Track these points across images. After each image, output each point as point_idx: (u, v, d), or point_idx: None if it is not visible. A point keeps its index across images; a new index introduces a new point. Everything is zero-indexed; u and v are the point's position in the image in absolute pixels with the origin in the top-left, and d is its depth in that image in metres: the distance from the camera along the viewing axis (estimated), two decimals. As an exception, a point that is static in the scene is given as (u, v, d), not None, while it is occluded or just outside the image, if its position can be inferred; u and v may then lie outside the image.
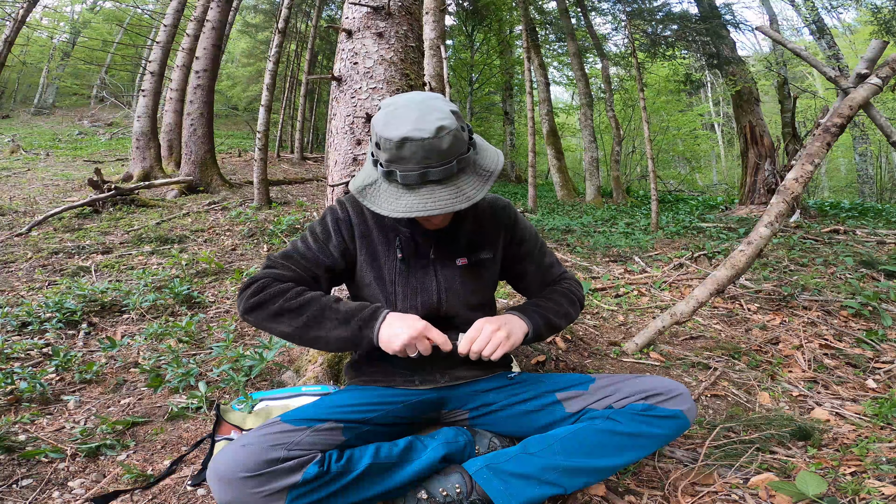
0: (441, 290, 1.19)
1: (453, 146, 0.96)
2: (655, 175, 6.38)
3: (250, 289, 1.08)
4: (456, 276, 1.20)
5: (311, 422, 1.01)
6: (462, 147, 0.99)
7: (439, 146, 0.94)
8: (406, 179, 0.97)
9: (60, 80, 21.01)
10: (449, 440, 1.10)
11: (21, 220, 4.82)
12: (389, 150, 0.96)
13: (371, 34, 1.89)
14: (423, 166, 0.96)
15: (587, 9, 9.95)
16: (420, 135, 0.93)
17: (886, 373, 1.94)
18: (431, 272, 1.19)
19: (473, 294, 1.22)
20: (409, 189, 0.99)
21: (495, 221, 1.26)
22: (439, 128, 0.94)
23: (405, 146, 0.94)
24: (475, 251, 1.22)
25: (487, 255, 1.24)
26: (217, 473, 0.89)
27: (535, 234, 1.31)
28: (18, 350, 2.01)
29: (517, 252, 1.29)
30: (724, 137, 21.33)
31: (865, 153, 11.96)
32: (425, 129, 0.93)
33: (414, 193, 0.98)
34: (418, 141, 0.93)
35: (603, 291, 3.21)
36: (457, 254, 1.21)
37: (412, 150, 0.94)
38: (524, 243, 1.29)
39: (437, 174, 0.96)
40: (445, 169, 0.97)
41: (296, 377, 1.79)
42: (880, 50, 2.46)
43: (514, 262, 1.30)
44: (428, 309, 1.17)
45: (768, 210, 2.31)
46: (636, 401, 1.05)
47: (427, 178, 0.97)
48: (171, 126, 8.32)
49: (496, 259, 1.26)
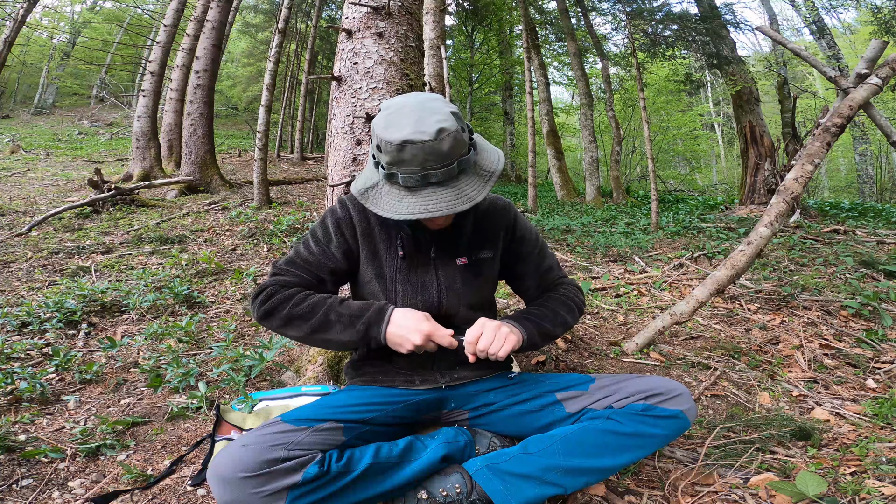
0: (441, 289, 1.19)
1: (454, 148, 0.96)
2: (655, 175, 6.38)
3: (259, 297, 1.11)
4: (456, 275, 1.20)
5: (312, 422, 1.01)
6: (463, 148, 0.99)
7: (440, 148, 0.94)
8: (408, 182, 0.98)
9: (60, 80, 21.02)
10: (449, 440, 1.10)
11: (21, 220, 4.82)
12: (390, 153, 0.96)
13: (371, 34, 1.89)
14: (424, 169, 0.96)
15: (587, 9, 9.95)
16: (421, 137, 0.93)
17: (886, 373, 1.94)
18: (432, 271, 1.19)
19: (474, 293, 1.23)
20: (410, 191, 0.99)
21: (496, 221, 1.26)
22: (440, 130, 0.94)
23: (406, 149, 0.94)
24: (475, 250, 1.23)
25: (487, 254, 1.24)
26: (217, 473, 0.89)
27: (535, 236, 1.31)
28: (18, 350, 2.00)
29: (517, 252, 1.29)
30: (724, 137, 21.33)
31: (865, 153, 11.96)
32: (426, 132, 0.93)
33: (415, 195, 0.98)
34: (419, 143, 0.93)
35: (603, 291, 3.21)
36: (457, 253, 1.21)
37: (413, 153, 0.94)
38: (524, 243, 1.29)
39: (438, 176, 0.97)
40: (446, 171, 0.97)
41: (296, 377, 1.79)
42: (880, 50, 2.46)
43: (513, 262, 1.30)
44: (428, 307, 1.17)
45: (768, 210, 2.31)
46: (636, 401, 1.05)
47: (429, 181, 0.97)
48: (171, 126, 8.33)
49: (496, 258, 1.26)
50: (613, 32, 11.21)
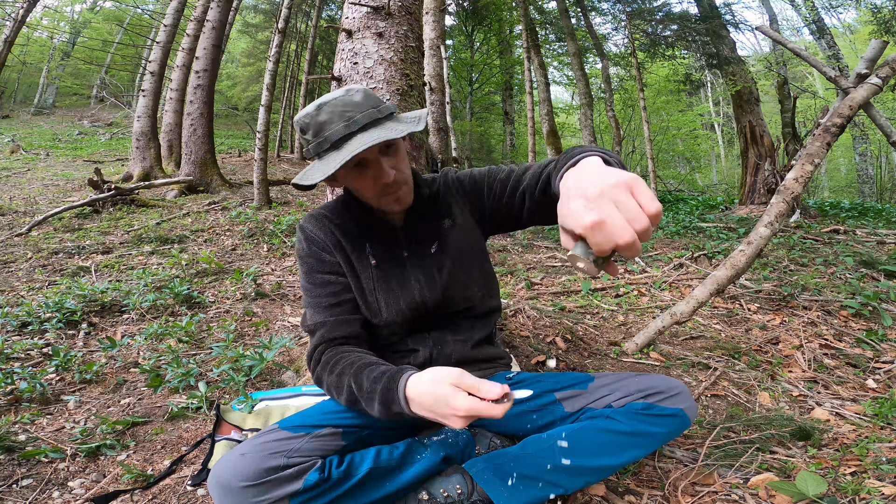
0: (422, 286, 1.14)
1: (367, 99, 1.00)
2: (655, 175, 6.38)
3: (310, 365, 1.11)
4: (433, 264, 1.16)
5: (310, 428, 1.00)
6: (378, 102, 1.02)
7: (353, 99, 0.99)
8: (334, 136, 0.97)
9: (60, 80, 21.03)
10: (449, 441, 1.10)
11: (21, 220, 4.83)
12: (311, 125, 0.99)
13: (371, 34, 1.89)
14: (344, 118, 0.97)
15: (587, 9, 9.95)
16: (331, 97, 1.00)
17: (886, 373, 1.94)
18: (408, 270, 1.15)
19: (460, 273, 1.17)
20: (339, 149, 0.97)
21: (446, 191, 1.21)
22: (349, 89, 1.01)
23: (322, 110, 0.98)
24: (441, 227, 1.18)
25: (449, 222, 1.18)
26: (218, 483, 0.89)
27: (484, 169, 1.22)
28: (18, 350, 2.01)
29: (477, 187, 1.19)
30: (724, 137, 21.33)
31: (865, 153, 11.97)
32: (337, 93, 1.01)
33: (345, 146, 0.97)
34: (330, 101, 0.99)
35: (603, 291, 3.21)
36: (428, 241, 1.17)
37: (329, 111, 0.98)
38: (475, 180, 1.19)
39: (360, 121, 0.97)
40: (367, 113, 0.98)
41: (296, 377, 1.79)
42: (880, 50, 2.46)
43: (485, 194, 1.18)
44: (412, 308, 1.14)
45: (768, 210, 2.31)
46: (636, 399, 1.05)
47: (352, 129, 0.97)
48: (171, 126, 8.33)
49: (464, 223, 1.19)
50: (613, 32, 11.22)
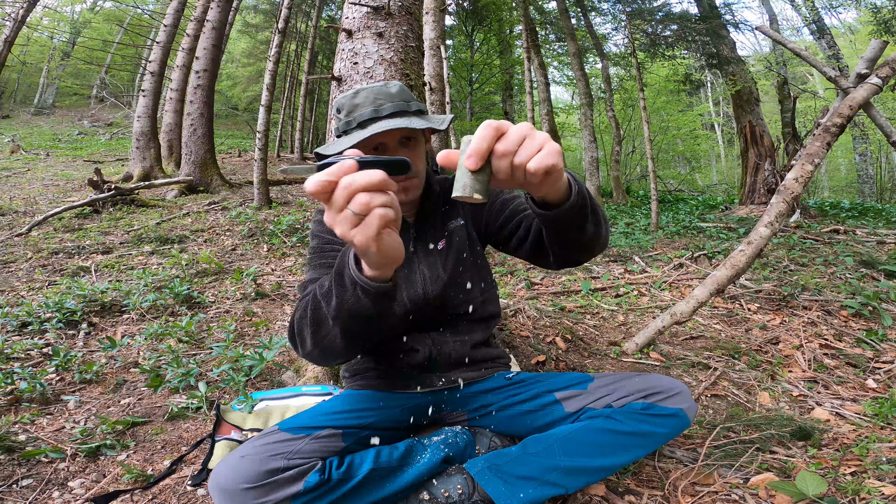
0: (426, 280, 1.16)
1: (402, 93, 1.08)
2: (655, 175, 6.38)
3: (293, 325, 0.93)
4: (437, 260, 1.17)
5: (310, 429, 1.00)
6: (410, 98, 1.09)
7: (389, 90, 1.07)
8: (361, 117, 1.04)
9: (60, 80, 21.03)
10: (449, 441, 1.10)
11: (21, 220, 4.82)
12: (346, 106, 1.07)
13: (371, 34, 1.89)
14: (375, 105, 1.05)
15: (587, 9, 9.95)
16: (370, 85, 1.09)
17: (886, 373, 1.94)
18: (415, 264, 1.17)
19: (463, 272, 1.19)
20: (363, 129, 1.03)
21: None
22: (387, 82, 1.11)
23: (359, 94, 1.07)
24: (448, 226, 1.20)
25: (458, 222, 1.21)
26: (218, 486, 0.89)
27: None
28: (18, 350, 2.00)
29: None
30: (724, 137, 21.33)
31: (865, 153, 11.97)
32: (376, 83, 1.11)
33: (368, 128, 1.02)
34: (369, 88, 1.08)
35: (603, 291, 3.21)
36: (435, 237, 1.19)
37: (365, 95, 1.06)
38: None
39: (388, 109, 1.04)
40: (396, 104, 1.05)
41: (296, 377, 1.79)
42: (880, 50, 2.46)
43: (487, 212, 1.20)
44: (416, 302, 1.15)
45: (768, 210, 2.31)
46: (635, 399, 1.05)
47: (379, 115, 1.04)
48: (171, 126, 8.33)
49: (470, 226, 1.22)
50: (613, 32, 11.20)
